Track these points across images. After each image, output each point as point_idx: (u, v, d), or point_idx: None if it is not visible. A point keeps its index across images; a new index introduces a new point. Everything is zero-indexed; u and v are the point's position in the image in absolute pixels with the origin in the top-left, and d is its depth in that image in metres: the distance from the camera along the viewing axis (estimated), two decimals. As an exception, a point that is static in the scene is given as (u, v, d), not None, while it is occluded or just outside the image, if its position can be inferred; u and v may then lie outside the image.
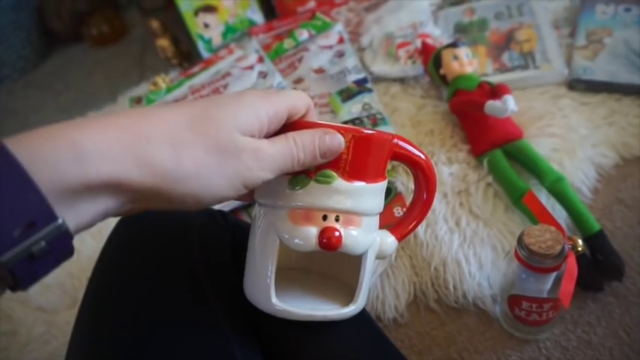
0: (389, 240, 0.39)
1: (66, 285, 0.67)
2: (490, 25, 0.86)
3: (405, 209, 0.65)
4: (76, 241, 0.75)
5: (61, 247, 0.24)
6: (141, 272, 0.41)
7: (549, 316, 0.52)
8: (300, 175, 0.33)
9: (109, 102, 1.04)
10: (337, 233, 0.33)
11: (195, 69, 0.99)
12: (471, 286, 0.59)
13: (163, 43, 1.09)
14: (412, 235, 0.64)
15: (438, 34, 0.88)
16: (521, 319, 0.53)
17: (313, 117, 0.35)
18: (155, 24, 1.10)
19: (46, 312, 0.64)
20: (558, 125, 0.71)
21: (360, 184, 0.34)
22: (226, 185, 0.28)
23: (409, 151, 0.38)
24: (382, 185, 0.36)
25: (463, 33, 0.88)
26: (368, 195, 0.34)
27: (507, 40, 0.83)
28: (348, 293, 0.38)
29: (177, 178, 0.26)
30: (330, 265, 0.42)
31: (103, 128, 0.25)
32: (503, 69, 0.80)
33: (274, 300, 0.35)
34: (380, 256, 0.38)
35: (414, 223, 0.40)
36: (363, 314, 0.44)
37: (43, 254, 0.23)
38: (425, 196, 0.40)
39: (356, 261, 0.36)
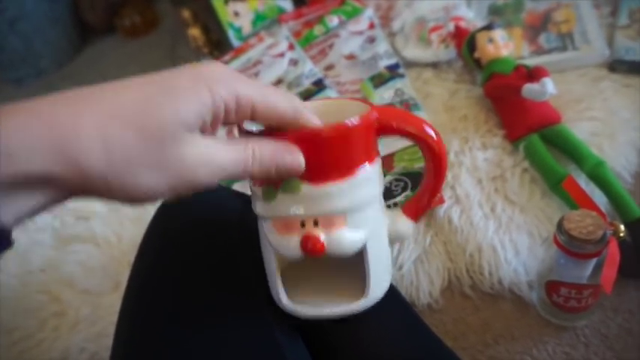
0: (401, 222, 0.36)
1: (109, 269, 0.70)
2: (526, 5, 0.84)
3: (438, 195, 0.64)
4: (117, 226, 0.77)
5: None
6: (182, 259, 0.42)
7: (588, 303, 0.52)
8: (269, 187, 0.32)
9: (144, 92, 1.06)
10: (319, 239, 0.31)
11: (227, 57, 1.00)
12: (506, 272, 0.59)
13: (194, 32, 1.11)
14: (446, 221, 0.64)
15: (471, 17, 0.86)
16: (559, 305, 0.53)
17: (310, 123, 0.31)
18: (186, 13, 1.12)
19: (92, 294, 0.68)
20: (598, 108, 0.68)
21: (331, 186, 0.31)
22: (164, 187, 0.26)
23: (396, 127, 0.33)
24: (365, 174, 0.32)
25: (497, 15, 0.85)
26: (345, 192, 0.31)
27: (544, 21, 0.81)
28: (363, 284, 0.36)
29: (105, 176, 0.25)
30: (331, 271, 0.40)
31: (32, 119, 0.24)
32: (539, 51, 0.78)
33: (285, 301, 0.35)
34: (396, 240, 0.36)
35: (427, 198, 0.37)
36: (399, 299, 0.44)
37: None
38: (432, 168, 0.36)
39: (357, 264, 0.35)
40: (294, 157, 0.30)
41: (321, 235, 0.31)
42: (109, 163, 0.24)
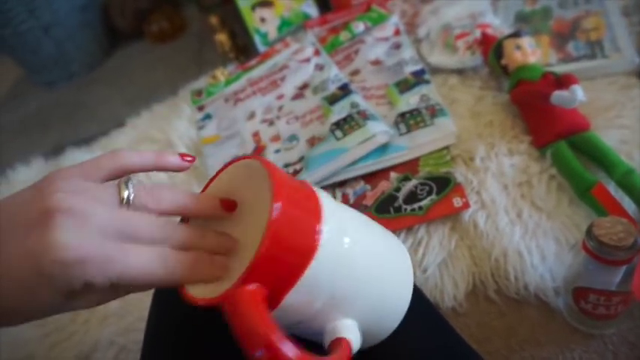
0: None
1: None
2: (554, 13, 0.84)
3: (464, 199, 0.65)
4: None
5: None
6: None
7: (617, 310, 0.51)
8: None
9: (171, 95, 1.09)
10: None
11: (253, 62, 1.02)
12: (533, 278, 0.58)
13: (222, 37, 1.13)
14: (472, 225, 0.64)
15: (497, 24, 0.86)
16: (587, 312, 0.52)
17: (165, 162, 0.31)
18: (214, 19, 1.14)
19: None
20: (628, 116, 0.68)
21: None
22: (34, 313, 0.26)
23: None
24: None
25: (524, 22, 0.85)
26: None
27: (572, 29, 0.80)
28: None
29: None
30: None
31: None
32: (568, 59, 0.78)
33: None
34: None
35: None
36: (422, 299, 0.45)
37: None
38: None
39: None
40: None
41: None
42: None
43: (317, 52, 0.95)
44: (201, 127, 0.92)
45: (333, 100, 0.81)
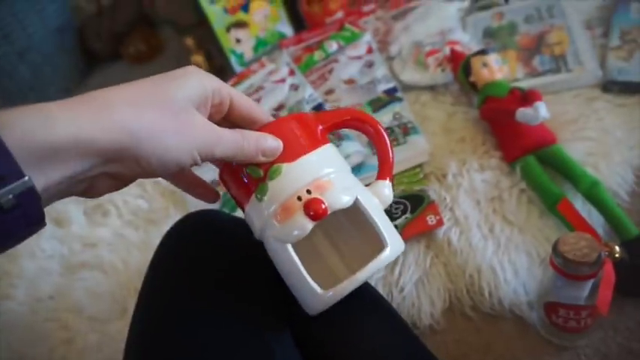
0: (380, 185, 0.40)
1: (116, 295, 0.71)
2: (520, 28, 0.86)
3: (437, 217, 0.66)
4: (124, 253, 0.78)
5: (29, 203, 0.27)
6: (186, 280, 0.45)
7: (587, 323, 0.52)
8: (258, 186, 0.37)
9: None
10: (319, 199, 0.35)
11: (229, 83, 1.03)
12: (506, 293, 0.59)
13: (198, 59, 1.14)
14: (446, 242, 0.65)
15: (466, 40, 0.88)
16: (558, 325, 0.54)
17: (244, 103, 0.37)
18: (189, 41, 1.15)
19: (99, 321, 0.69)
20: (593, 128, 0.70)
21: (305, 158, 0.37)
22: (184, 149, 0.32)
23: (332, 118, 0.40)
24: (326, 148, 0.38)
25: (492, 38, 0.88)
26: (318, 161, 0.37)
27: (538, 44, 0.83)
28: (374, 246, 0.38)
29: (139, 138, 0.29)
30: (346, 246, 0.43)
31: (71, 101, 0.29)
32: (534, 73, 0.80)
33: (320, 292, 0.37)
34: (385, 202, 0.40)
35: (388, 159, 0.41)
36: (389, 311, 0.46)
37: (12, 207, 0.26)
38: (374, 135, 0.41)
39: (362, 226, 0.38)
40: (273, 141, 0.36)
41: (319, 197, 0.36)
42: (140, 122, 0.30)
43: (292, 72, 0.96)
44: (179, 151, 0.92)
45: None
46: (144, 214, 0.81)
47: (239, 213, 0.75)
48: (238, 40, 1.10)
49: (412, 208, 0.68)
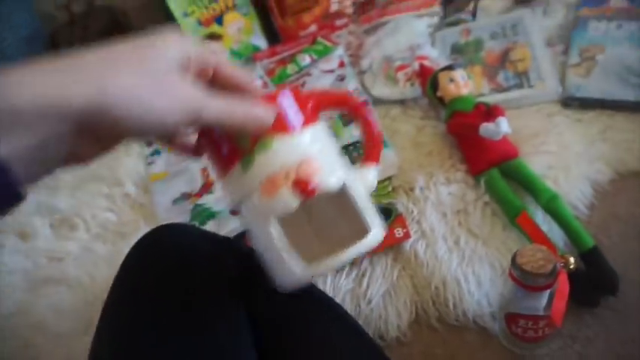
0: (366, 170, 0.41)
1: (81, 311, 0.70)
2: (485, 45, 0.89)
3: (405, 230, 0.67)
4: (90, 267, 0.76)
5: None
6: (152, 293, 0.45)
7: (545, 333, 0.54)
8: (244, 157, 0.36)
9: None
10: (309, 176, 0.35)
11: (202, 95, 1.03)
12: (470, 304, 0.61)
13: (171, 70, 1.13)
14: (413, 255, 0.66)
15: (435, 56, 0.90)
16: (518, 336, 0.55)
17: (259, 91, 0.37)
18: (163, 52, 1.15)
19: (64, 338, 0.67)
20: (553, 143, 0.72)
21: (297, 134, 0.36)
22: (167, 110, 0.29)
23: (324, 98, 0.40)
24: (317, 128, 0.38)
25: (459, 54, 0.90)
26: (310, 139, 0.36)
27: (502, 60, 0.85)
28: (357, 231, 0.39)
29: (115, 97, 0.27)
30: (327, 229, 0.43)
31: (38, 62, 0.27)
32: (499, 88, 0.82)
33: (302, 267, 0.36)
34: (370, 187, 0.40)
35: (374, 142, 0.42)
36: (344, 316, 0.49)
37: None
38: (361, 117, 0.41)
39: (345, 210, 0.38)
40: (266, 111, 0.35)
41: (308, 176, 0.35)
42: (117, 88, 0.27)
43: (265, 85, 0.96)
44: (150, 163, 0.92)
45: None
46: (113, 227, 0.80)
47: (207, 227, 0.75)
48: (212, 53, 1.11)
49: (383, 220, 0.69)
